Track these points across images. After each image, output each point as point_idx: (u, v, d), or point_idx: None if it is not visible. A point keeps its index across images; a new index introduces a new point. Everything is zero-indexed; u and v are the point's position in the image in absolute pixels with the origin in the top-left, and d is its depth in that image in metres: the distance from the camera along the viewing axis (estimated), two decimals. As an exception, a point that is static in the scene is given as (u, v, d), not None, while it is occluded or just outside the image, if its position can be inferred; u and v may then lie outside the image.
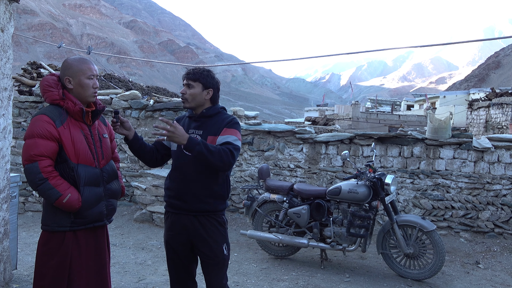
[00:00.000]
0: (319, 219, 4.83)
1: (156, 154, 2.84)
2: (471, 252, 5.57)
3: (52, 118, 2.34)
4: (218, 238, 2.65)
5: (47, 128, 2.31)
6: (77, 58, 2.49)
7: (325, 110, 39.29)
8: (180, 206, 2.66)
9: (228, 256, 2.72)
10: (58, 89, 2.43)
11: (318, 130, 7.70)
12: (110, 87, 12.14)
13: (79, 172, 2.37)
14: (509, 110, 16.87)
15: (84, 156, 2.41)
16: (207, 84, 2.70)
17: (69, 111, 2.40)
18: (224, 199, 2.72)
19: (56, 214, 2.36)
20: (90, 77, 2.44)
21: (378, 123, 25.64)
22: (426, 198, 6.20)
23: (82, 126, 2.46)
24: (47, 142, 2.30)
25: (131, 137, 2.71)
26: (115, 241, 5.72)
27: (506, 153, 6.00)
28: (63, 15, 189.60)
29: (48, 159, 2.31)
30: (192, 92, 2.67)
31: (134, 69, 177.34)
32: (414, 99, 43.39)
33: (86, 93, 2.45)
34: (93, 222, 2.45)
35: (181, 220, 2.66)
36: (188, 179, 2.62)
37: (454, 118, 26.97)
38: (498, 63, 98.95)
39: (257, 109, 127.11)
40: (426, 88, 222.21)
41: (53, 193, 2.28)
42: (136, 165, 7.48)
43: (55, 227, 2.36)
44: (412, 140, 6.37)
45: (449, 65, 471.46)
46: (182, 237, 2.66)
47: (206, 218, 2.63)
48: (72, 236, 2.37)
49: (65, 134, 2.35)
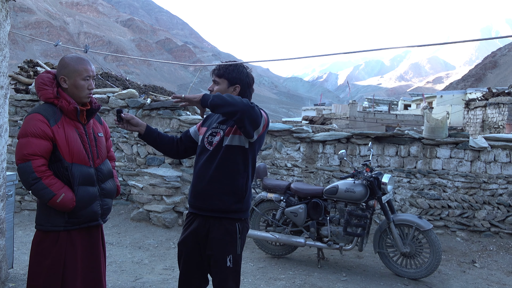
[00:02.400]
0: (316, 218, 4.84)
1: (179, 145, 2.76)
2: (468, 251, 5.59)
3: (46, 117, 2.31)
4: (223, 246, 2.48)
5: (40, 127, 2.28)
6: (75, 58, 2.44)
7: (323, 109, 39.32)
8: (196, 205, 2.56)
9: (234, 268, 2.49)
10: (52, 87, 2.40)
11: (315, 129, 7.70)
12: (107, 86, 12.11)
13: (73, 172, 2.34)
14: (505, 109, 16.92)
15: (79, 155, 2.38)
16: (233, 80, 2.60)
17: (63, 110, 2.38)
18: (239, 197, 2.51)
19: (50, 213, 2.33)
20: (85, 78, 2.41)
21: (375, 122, 25.68)
22: (422, 197, 6.22)
23: (77, 125, 2.43)
24: (40, 141, 2.27)
25: (143, 131, 2.65)
26: (111, 240, 5.71)
27: (502, 153, 6.02)
28: (60, 13, 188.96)
29: (42, 159, 2.28)
30: (218, 89, 2.59)
31: (131, 68, 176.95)
32: (411, 99, 43.47)
33: (80, 94, 2.42)
34: (87, 222, 2.42)
35: (196, 221, 2.56)
36: (205, 175, 2.51)
37: (451, 117, 27.02)
38: (495, 63, 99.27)
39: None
40: (423, 88, 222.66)
41: (46, 192, 2.26)
42: (133, 163, 7.46)
43: (49, 227, 2.33)
44: (409, 140, 6.38)
45: (446, 65, 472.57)
46: (192, 239, 2.56)
47: (216, 222, 2.49)
48: (66, 236, 2.34)
49: (59, 133, 2.32)
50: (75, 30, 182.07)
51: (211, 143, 2.57)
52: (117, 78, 14.65)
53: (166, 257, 5.11)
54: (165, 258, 5.06)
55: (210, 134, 2.60)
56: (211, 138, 2.58)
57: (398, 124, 22.36)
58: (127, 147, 7.52)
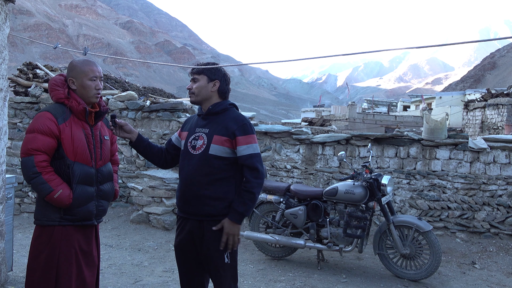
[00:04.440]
0: (315, 220, 4.84)
1: (166, 155, 2.81)
2: (467, 253, 5.59)
3: (55, 115, 2.42)
4: (219, 246, 2.50)
5: (47, 125, 2.38)
6: (82, 60, 2.58)
7: (322, 111, 39.35)
8: (186, 210, 2.59)
9: (231, 264, 2.56)
10: (64, 88, 2.52)
11: (314, 131, 7.70)
12: (107, 88, 12.11)
13: (74, 170, 2.42)
14: (504, 110, 16.93)
15: (82, 154, 2.46)
16: (212, 76, 2.64)
17: (73, 110, 2.48)
18: (229, 202, 2.54)
19: (47, 208, 2.42)
20: (92, 78, 2.52)
21: (375, 123, 25.70)
22: (422, 199, 6.22)
23: (84, 125, 2.53)
24: (45, 138, 2.36)
25: (134, 139, 2.71)
26: (111, 242, 5.70)
27: (501, 154, 6.02)
28: (59, 15, 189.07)
29: (44, 155, 2.37)
30: (197, 85, 2.62)
31: (130, 70, 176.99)
32: (410, 100, 43.49)
33: (88, 94, 2.52)
34: (81, 220, 2.49)
35: (188, 224, 2.58)
36: (193, 181, 2.52)
37: (450, 118, 27.04)
38: (494, 64, 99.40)
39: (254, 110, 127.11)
40: (422, 89, 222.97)
41: (45, 187, 2.34)
42: (133, 166, 7.46)
43: (45, 221, 2.42)
44: (408, 141, 6.38)
45: (445, 66, 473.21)
46: (188, 242, 2.58)
47: (210, 223, 2.51)
48: (61, 231, 2.42)
49: (65, 131, 2.42)
50: (74, 33, 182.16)
51: (194, 147, 2.57)
52: (116, 80, 14.64)
53: (166, 259, 5.11)
54: (165, 260, 5.06)
55: (193, 138, 2.60)
56: (194, 142, 2.59)
57: (398, 126, 22.39)
58: (127, 150, 7.52)
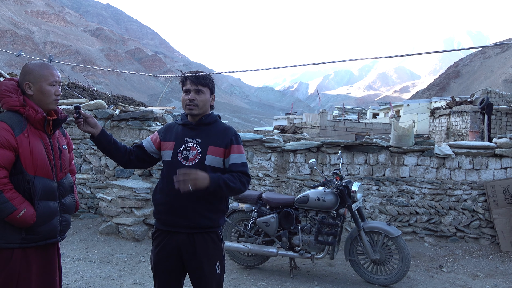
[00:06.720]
0: (287, 228, 4.85)
1: (130, 155, 2.63)
2: (435, 256, 5.73)
3: (11, 126, 2.18)
4: (212, 256, 2.47)
5: (5, 136, 2.14)
6: (39, 64, 2.35)
7: (294, 118, 39.73)
8: (176, 223, 2.46)
9: (220, 274, 2.52)
10: (17, 94, 2.27)
11: (286, 139, 7.76)
12: (74, 97, 11.82)
13: (36, 185, 2.21)
14: (468, 118, 17.58)
15: (42, 168, 2.25)
16: (213, 90, 2.61)
17: (29, 119, 2.25)
18: (224, 213, 2.58)
19: (5, 229, 2.18)
20: (52, 83, 2.31)
21: (345, 131, 26.15)
22: (391, 205, 6.34)
23: (42, 135, 2.31)
24: (4, 151, 2.13)
25: (98, 133, 2.52)
26: (79, 255, 5.53)
27: (466, 159, 6.23)
28: (25, 22, 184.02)
29: (4, 170, 2.14)
30: (203, 99, 2.52)
31: (100, 78, 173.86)
32: (379, 107, 44.57)
33: (47, 100, 2.31)
34: (45, 239, 2.29)
35: (174, 238, 2.45)
36: (187, 193, 2.34)
37: (417, 125, 27.82)
38: (458, 73, 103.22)
39: (227, 118, 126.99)
40: (391, 97, 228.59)
41: (7, 207, 2.11)
42: (102, 176, 7.29)
43: (3, 244, 2.17)
44: (377, 148, 6.51)
45: (412, 75, 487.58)
46: (174, 258, 2.46)
47: (202, 235, 2.46)
48: (21, 254, 2.20)
49: (23, 143, 2.19)
50: (41, 40, 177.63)
51: (186, 158, 2.47)
52: (84, 88, 14.34)
53: (136, 271, 4.99)
54: (135, 272, 4.94)
55: (184, 149, 2.50)
56: (185, 153, 2.48)
57: (367, 133, 22.84)
58: (95, 159, 7.34)
